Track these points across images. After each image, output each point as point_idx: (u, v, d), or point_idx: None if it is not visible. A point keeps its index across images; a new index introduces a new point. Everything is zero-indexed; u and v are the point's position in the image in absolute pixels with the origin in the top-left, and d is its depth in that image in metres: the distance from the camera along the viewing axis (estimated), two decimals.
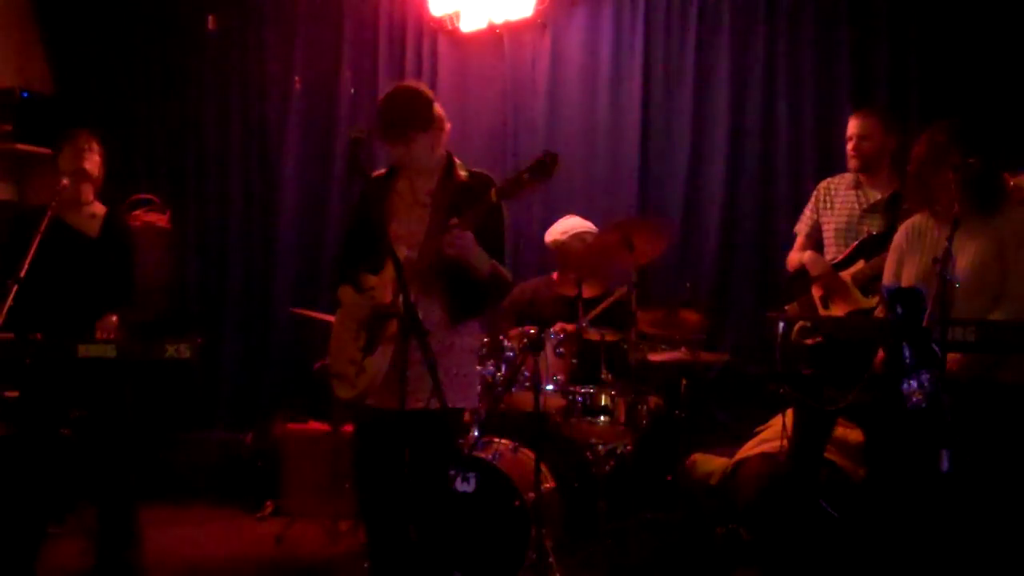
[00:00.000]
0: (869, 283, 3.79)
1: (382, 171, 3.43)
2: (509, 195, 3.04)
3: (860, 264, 3.83)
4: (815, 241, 4.11)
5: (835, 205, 4.03)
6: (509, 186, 3.03)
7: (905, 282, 3.32)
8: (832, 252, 3.98)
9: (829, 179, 4.15)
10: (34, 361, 3.52)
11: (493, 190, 3.07)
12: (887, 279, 3.47)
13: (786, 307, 4.03)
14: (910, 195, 3.47)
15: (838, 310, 3.84)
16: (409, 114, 3.21)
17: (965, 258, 3.20)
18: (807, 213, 4.17)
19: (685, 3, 5.41)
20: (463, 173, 3.32)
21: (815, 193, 4.16)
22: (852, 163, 3.98)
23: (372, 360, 3.13)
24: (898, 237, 3.48)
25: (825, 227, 4.05)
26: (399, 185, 3.34)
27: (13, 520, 3.65)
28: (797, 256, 4.14)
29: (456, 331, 3.26)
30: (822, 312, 3.93)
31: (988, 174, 3.23)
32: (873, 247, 3.81)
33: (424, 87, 3.36)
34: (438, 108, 3.32)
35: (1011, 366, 3.09)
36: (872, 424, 3.80)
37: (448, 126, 3.45)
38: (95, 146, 3.90)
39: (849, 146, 3.98)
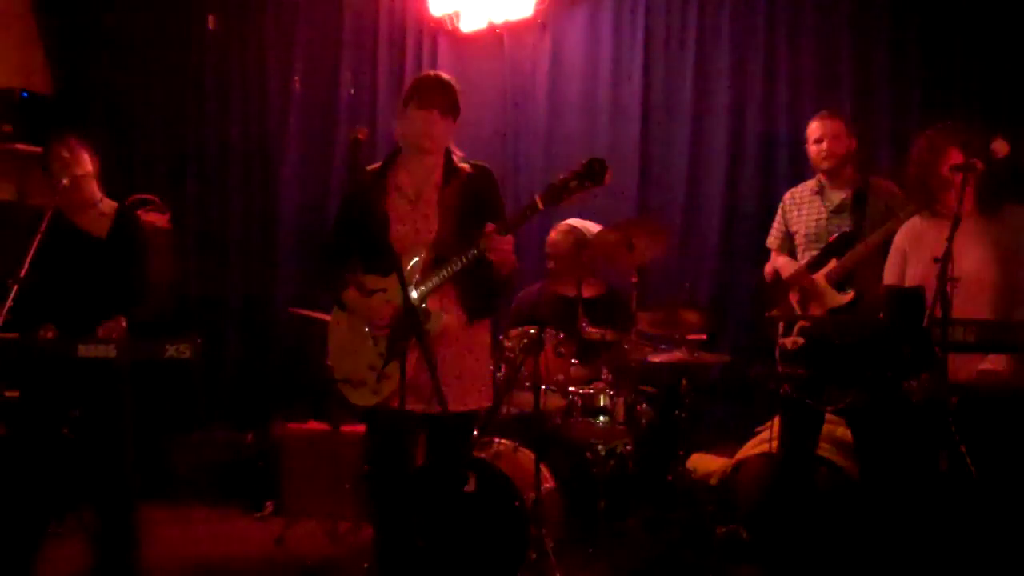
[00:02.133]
0: (842, 280, 3.81)
1: (376, 165, 3.35)
2: (555, 202, 2.97)
3: (832, 263, 3.85)
4: (787, 251, 4.16)
5: (802, 212, 4.08)
6: (555, 192, 2.95)
7: (909, 283, 3.32)
8: (805, 258, 4.02)
9: (792, 189, 4.19)
10: (34, 361, 3.52)
11: (538, 195, 2.99)
12: (889, 280, 3.47)
13: (766, 315, 4.03)
14: (910, 196, 3.48)
15: (816, 311, 3.86)
16: (448, 91, 3.22)
17: (971, 260, 3.20)
18: (775, 225, 4.22)
19: (685, 3, 5.41)
20: (465, 166, 3.27)
21: (781, 205, 4.21)
22: (824, 164, 4.00)
23: (397, 366, 3.06)
24: (899, 238, 3.49)
25: (796, 235, 4.10)
26: (398, 180, 3.26)
27: (12, 520, 3.64)
28: (771, 265, 4.18)
29: (474, 330, 3.24)
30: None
31: (987, 174, 3.23)
32: (843, 245, 3.84)
33: None
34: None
35: None
36: (860, 424, 3.82)
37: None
38: (82, 152, 3.79)
39: (821, 147, 4.00)
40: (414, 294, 3.08)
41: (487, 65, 5.74)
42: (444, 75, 3.34)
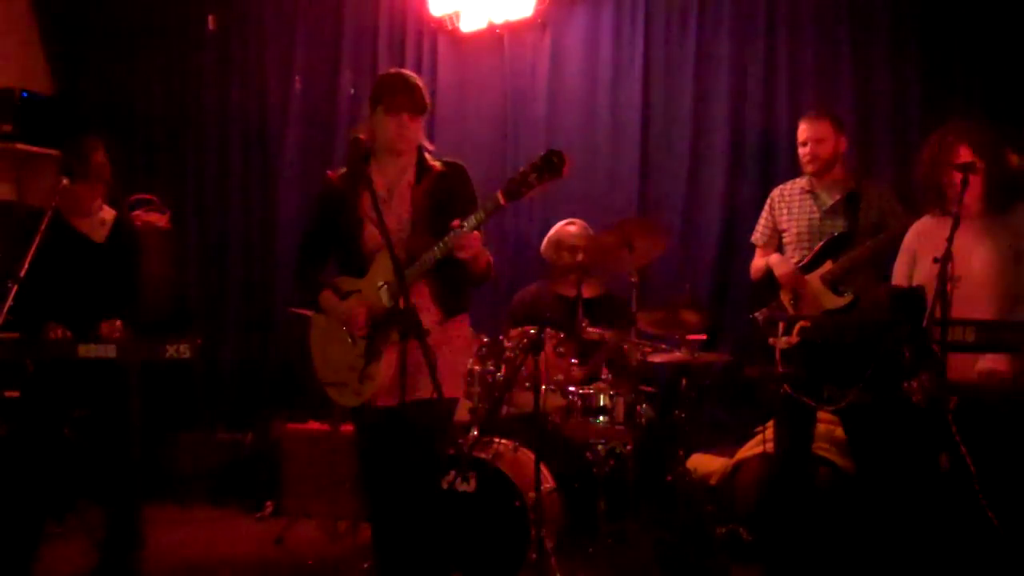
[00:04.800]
0: (838, 282, 3.80)
1: (342, 169, 3.35)
2: (516, 196, 2.95)
3: (828, 264, 3.85)
4: (774, 248, 4.14)
5: (792, 210, 4.06)
6: (515, 186, 2.93)
7: (916, 283, 3.31)
8: (795, 257, 4.00)
9: (780, 186, 4.19)
10: (35, 361, 3.53)
11: (500, 191, 2.97)
12: (897, 279, 3.46)
13: (755, 314, 4.03)
14: (920, 196, 3.47)
15: (808, 312, 3.85)
16: (414, 90, 3.22)
17: (980, 259, 3.19)
18: (762, 222, 4.21)
19: (685, 3, 5.41)
20: (436, 164, 3.28)
21: (768, 201, 4.20)
22: (810, 167, 4.00)
23: (378, 366, 3.11)
24: (909, 237, 3.47)
25: (785, 233, 4.08)
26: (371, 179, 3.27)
27: (11, 520, 3.65)
28: (760, 262, 4.16)
29: (449, 326, 3.24)
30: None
31: (996, 173, 3.22)
32: (838, 247, 3.84)
33: None
34: None
35: None
36: (854, 423, 3.82)
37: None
38: (106, 166, 3.88)
39: (804, 151, 4.00)
40: (385, 294, 3.10)
41: (487, 65, 5.74)
42: (407, 73, 3.36)
